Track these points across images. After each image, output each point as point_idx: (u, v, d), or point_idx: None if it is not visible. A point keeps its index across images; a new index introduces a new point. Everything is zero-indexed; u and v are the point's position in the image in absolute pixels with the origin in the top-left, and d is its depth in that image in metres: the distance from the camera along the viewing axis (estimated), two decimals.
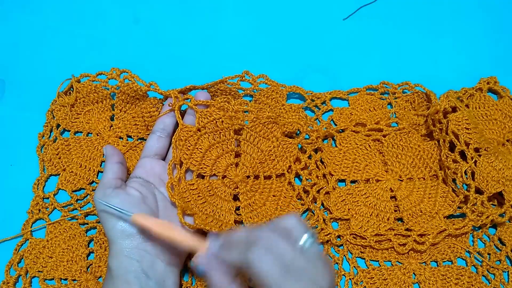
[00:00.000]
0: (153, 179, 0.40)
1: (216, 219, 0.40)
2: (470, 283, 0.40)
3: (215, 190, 0.41)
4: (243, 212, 0.41)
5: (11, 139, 0.47)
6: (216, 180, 0.42)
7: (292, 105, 0.46)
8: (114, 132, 0.46)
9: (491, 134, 0.44)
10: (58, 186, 0.44)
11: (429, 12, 0.54)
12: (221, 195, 0.41)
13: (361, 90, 0.48)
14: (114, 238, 0.35)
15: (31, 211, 0.43)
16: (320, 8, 0.54)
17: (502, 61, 0.51)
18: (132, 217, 0.35)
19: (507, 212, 0.41)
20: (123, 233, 0.35)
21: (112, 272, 0.35)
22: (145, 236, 0.36)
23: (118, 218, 0.36)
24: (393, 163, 0.44)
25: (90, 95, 0.46)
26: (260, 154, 0.42)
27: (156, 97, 0.45)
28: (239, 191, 0.42)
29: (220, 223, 0.40)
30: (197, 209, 0.39)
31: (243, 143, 0.42)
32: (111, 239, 0.36)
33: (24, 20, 0.53)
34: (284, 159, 0.43)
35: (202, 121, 0.41)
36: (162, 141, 0.42)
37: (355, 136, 0.45)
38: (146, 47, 0.52)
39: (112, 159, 0.39)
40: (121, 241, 0.35)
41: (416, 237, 0.41)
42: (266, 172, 0.42)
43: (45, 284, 0.40)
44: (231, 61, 0.51)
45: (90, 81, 0.46)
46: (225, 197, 0.41)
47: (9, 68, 0.51)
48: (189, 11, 0.54)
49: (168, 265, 0.36)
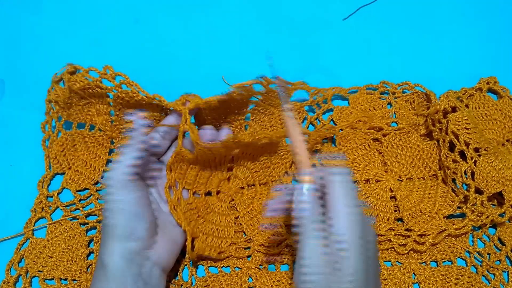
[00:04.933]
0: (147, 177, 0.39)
1: (216, 237, 0.41)
2: (470, 283, 0.40)
3: (212, 207, 0.42)
4: (243, 221, 0.42)
5: (11, 139, 0.47)
6: (211, 197, 0.42)
7: (294, 104, 0.46)
8: (117, 128, 0.44)
9: (491, 134, 0.44)
10: (63, 185, 0.44)
11: (429, 12, 0.54)
12: (218, 210, 0.42)
13: (361, 88, 0.48)
14: (117, 237, 0.33)
15: (34, 209, 0.43)
16: (320, 8, 0.54)
17: (502, 61, 0.51)
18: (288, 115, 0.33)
19: (507, 212, 0.41)
20: (131, 235, 0.34)
21: (107, 271, 0.33)
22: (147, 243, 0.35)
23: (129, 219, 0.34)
24: (393, 163, 0.44)
25: (84, 91, 0.42)
26: (254, 164, 0.42)
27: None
28: (236, 202, 0.42)
29: (220, 241, 0.41)
30: (198, 231, 0.39)
31: (236, 157, 0.42)
32: (112, 236, 0.34)
33: (24, 20, 0.53)
34: (280, 165, 0.43)
35: (200, 153, 0.38)
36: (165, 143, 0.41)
37: (355, 136, 0.45)
38: (146, 47, 0.52)
39: (136, 139, 0.35)
40: (125, 242, 0.34)
41: (416, 237, 0.41)
42: (262, 180, 0.43)
43: (45, 284, 0.40)
44: (231, 61, 0.51)
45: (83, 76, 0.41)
46: (222, 211, 0.42)
47: (9, 68, 0.51)
48: (189, 11, 0.54)
49: (162, 272, 0.36)
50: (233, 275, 0.40)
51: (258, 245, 0.41)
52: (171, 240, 0.37)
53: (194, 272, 0.41)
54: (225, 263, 0.41)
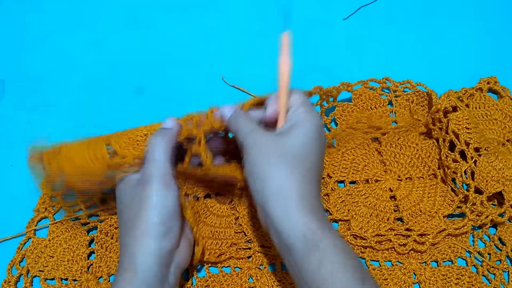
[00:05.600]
0: None
1: (216, 239, 0.41)
2: (471, 283, 0.40)
3: (211, 210, 0.42)
4: (243, 221, 0.42)
5: (11, 139, 0.47)
6: (210, 200, 0.42)
7: None
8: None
9: (491, 134, 0.44)
10: None
11: (429, 12, 0.54)
12: (217, 212, 0.42)
13: (365, 82, 0.47)
14: (149, 236, 0.32)
15: (38, 209, 0.43)
16: (320, 8, 0.54)
17: (502, 61, 0.51)
18: None
19: (507, 212, 0.41)
20: (167, 234, 0.33)
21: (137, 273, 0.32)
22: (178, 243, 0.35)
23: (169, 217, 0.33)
24: (392, 163, 0.44)
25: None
26: None
27: None
28: (235, 203, 0.42)
29: (220, 242, 0.41)
30: (199, 235, 0.39)
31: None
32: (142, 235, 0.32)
33: (24, 20, 0.53)
34: None
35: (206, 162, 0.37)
36: None
37: (354, 135, 0.45)
38: (146, 47, 0.52)
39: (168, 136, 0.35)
40: (158, 242, 0.32)
41: (416, 237, 0.41)
42: None
43: (46, 284, 0.40)
44: (231, 61, 0.51)
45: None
46: (221, 213, 0.42)
47: (9, 68, 0.51)
48: (189, 11, 0.54)
49: (180, 273, 0.36)
50: (234, 275, 0.41)
51: (258, 246, 0.41)
52: (188, 241, 0.37)
53: (194, 272, 0.41)
54: (226, 263, 0.41)
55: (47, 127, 0.48)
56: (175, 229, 0.34)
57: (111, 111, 0.48)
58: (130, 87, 0.50)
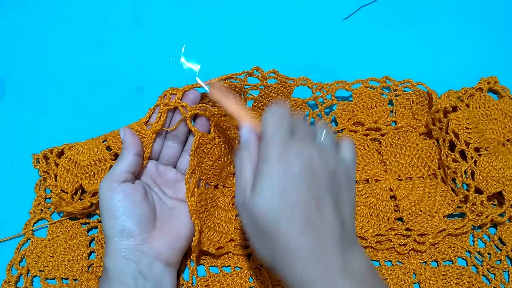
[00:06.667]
0: (145, 178, 0.40)
1: (217, 231, 0.41)
2: (471, 282, 0.40)
3: (216, 201, 0.42)
4: None
5: (11, 139, 0.47)
6: (217, 190, 0.42)
7: (297, 101, 0.46)
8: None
9: (491, 133, 0.44)
10: None
11: (429, 12, 0.54)
12: (221, 204, 0.42)
13: (365, 81, 0.47)
14: (112, 237, 0.35)
15: (33, 211, 0.43)
16: (320, 8, 0.54)
17: (502, 61, 0.51)
18: (211, 85, 0.36)
19: (507, 212, 0.41)
20: (122, 232, 0.35)
21: (108, 273, 0.35)
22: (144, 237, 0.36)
23: (118, 217, 0.35)
24: (392, 163, 0.44)
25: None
26: None
27: None
28: None
29: (220, 235, 0.41)
30: (202, 223, 0.39)
31: None
32: (109, 238, 0.35)
33: (24, 20, 0.53)
34: None
35: (217, 130, 0.40)
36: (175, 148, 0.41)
37: (353, 136, 0.45)
38: (146, 47, 0.52)
39: (129, 149, 0.38)
40: (119, 241, 0.35)
41: (416, 237, 0.41)
42: None
43: (46, 284, 0.40)
44: (231, 61, 0.51)
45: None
46: (225, 206, 0.42)
47: (9, 68, 0.51)
48: (189, 11, 0.54)
49: (166, 266, 0.36)
50: (234, 274, 0.40)
51: None
52: (173, 233, 0.37)
53: (194, 272, 0.41)
54: (226, 263, 0.41)
55: (47, 127, 0.48)
56: (130, 226, 0.36)
57: (111, 111, 0.49)
58: (130, 87, 0.50)
